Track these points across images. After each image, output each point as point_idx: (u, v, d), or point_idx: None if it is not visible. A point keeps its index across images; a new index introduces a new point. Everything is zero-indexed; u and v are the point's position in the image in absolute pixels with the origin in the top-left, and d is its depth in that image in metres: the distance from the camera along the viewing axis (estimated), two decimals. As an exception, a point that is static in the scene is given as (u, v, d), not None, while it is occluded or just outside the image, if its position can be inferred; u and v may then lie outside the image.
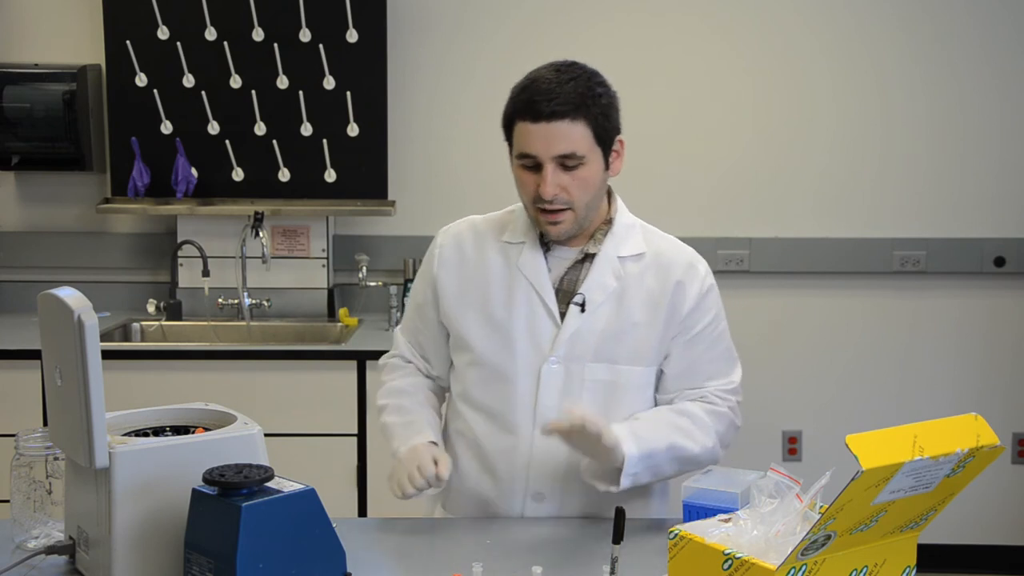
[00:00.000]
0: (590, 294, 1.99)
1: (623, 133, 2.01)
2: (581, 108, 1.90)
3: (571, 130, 1.89)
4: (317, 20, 3.81)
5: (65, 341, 1.61)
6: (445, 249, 2.09)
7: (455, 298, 2.05)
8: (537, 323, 1.99)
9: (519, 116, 1.92)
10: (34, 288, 2.05)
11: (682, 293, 2.01)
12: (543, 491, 2.01)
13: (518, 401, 2.00)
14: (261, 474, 1.54)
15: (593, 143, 1.92)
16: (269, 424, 1.91)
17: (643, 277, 2.01)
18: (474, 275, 2.05)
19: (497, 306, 2.01)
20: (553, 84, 1.90)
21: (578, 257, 2.03)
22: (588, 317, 1.98)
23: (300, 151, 3.88)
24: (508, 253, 2.04)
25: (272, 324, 3.90)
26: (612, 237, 2.02)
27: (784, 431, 4.13)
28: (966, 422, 1.37)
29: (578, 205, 1.94)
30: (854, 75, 4.02)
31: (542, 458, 1.99)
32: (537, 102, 1.89)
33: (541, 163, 1.90)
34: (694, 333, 2.02)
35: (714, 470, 1.86)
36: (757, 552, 1.38)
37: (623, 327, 1.99)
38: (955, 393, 4.10)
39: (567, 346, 1.98)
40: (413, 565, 1.81)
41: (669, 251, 2.06)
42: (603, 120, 1.93)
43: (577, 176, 1.91)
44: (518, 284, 2.01)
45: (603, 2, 3.99)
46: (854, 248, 4.05)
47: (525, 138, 1.91)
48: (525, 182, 1.94)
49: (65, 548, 1.72)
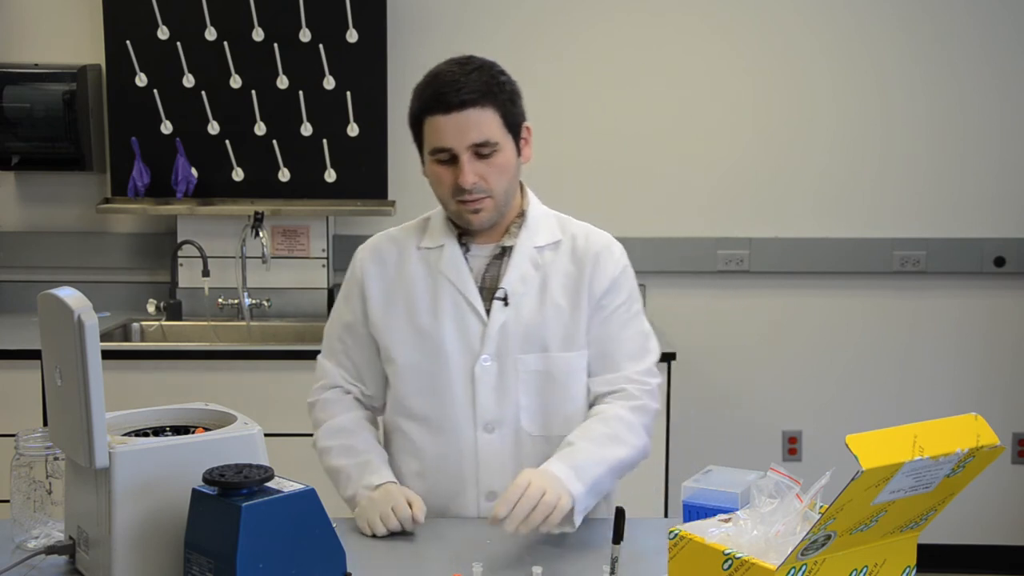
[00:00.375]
0: (511, 286, 2.01)
1: (530, 120, 2.05)
2: (488, 95, 1.92)
3: (482, 117, 1.91)
4: (317, 20, 3.81)
5: (65, 341, 1.61)
6: (366, 263, 2.09)
7: (382, 310, 2.05)
8: (464, 323, 2.01)
9: (428, 111, 1.93)
10: (34, 288, 2.05)
11: (597, 273, 2.03)
12: (494, 489, 2.01)
13: (456, 403, 2.01)
14: (261, 474, 1.54)
15: (504, 130, 1.95)
16: (269, 424, 1.91)
17: (561, 263, 2.04)
18: (397, 286, 2.06)
19: (423, 313, 2.02)
20: (458, 75, 1.92)
21: (495, 252, 2.05)
22: (513, 310, 2.00)
23: (300, 151, 3.88)
24: (428, 259, 2.05)
25: (272, 324, 3.90)
26: (526, 229, 2.05)
27: (784, 431, 4.13)
28: (966, 422, 1.37)
29: (497, 192, 1.96)
30: (854, 75, 4.02)
31: (488, 456, 2.01)
32: (445, 93, 1.91)
33: (456, 155, 1.92)
34: (608, 312, 2.04)
35: (714, 470, 1.86)
36: (757, 552, 1.38)
37: (548, 314, 2.01)
38: (955, 393, 4.11)
39: (496, 341, 2.00)
40: (413, 565, 1.81)
41: (585, 236, 2.08)
42: (510, 106, 1.96)
43: (493, 163, 1.94)
44: (442, 288, 2.02)
45: (603, 2, 3.99)
46: (854, 248, 4.05)
47: (438, 132, 1.92)
48: (442, 177, 1.96)
49: (65, 548, 1.72)
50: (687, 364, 3.95)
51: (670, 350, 3.46)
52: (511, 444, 2.01)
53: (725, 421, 4.12)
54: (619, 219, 3.97)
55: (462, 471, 2.02)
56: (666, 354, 3.43)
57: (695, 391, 4.05)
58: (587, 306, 2.02)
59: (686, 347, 3.95)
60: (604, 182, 4.01)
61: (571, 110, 4.00)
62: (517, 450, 2.01)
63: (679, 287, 4.06)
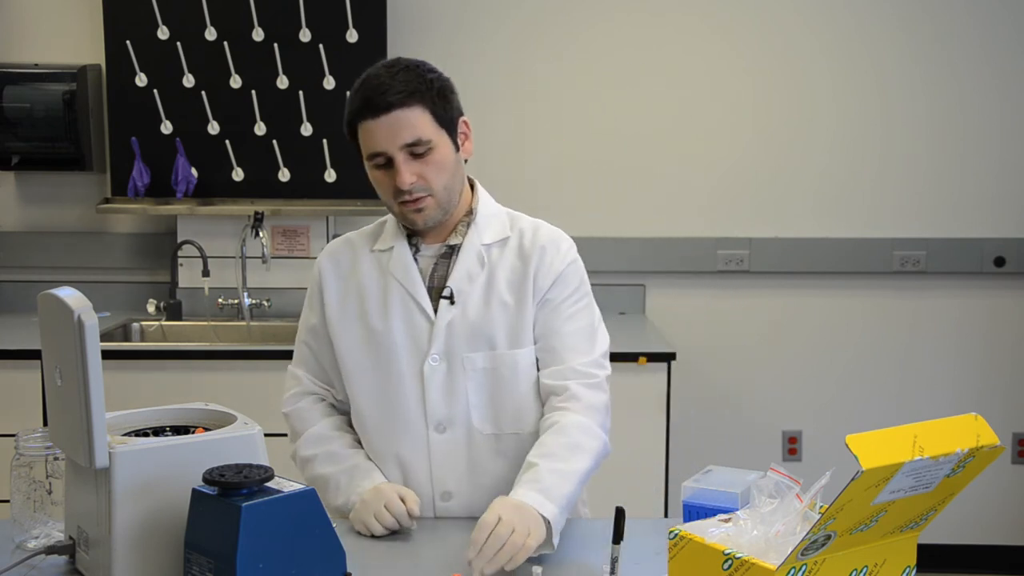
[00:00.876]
0: (457, 284, 2.01)
1: (467, 114, 2.05)
2: (415, 94, 1.93)
3: (410, 116, 1.92)
4: (317, 20, 3.81)
5: (65, 341, 1.61)
6: (324, 269, 2.10)
7: (337, 314, 2.06)
8: (413, 323, 2.01)
9: (359, 117, 1.94)
10: (34, 288, 2.05)
11: (542, 267, 2.02)
12: (449, 489, 2.02)
13: (407, 404, 2.01)
14: (261, 474, 1.54)
15: (436, 126, 1.95)
16: (269, 424, 1.91)
17: (508, 259, 2.04)
18: (351, 289, 2.06)
19: (374, 315, 2.03)
20: (384, 79, 1.93)
21: (442, 251, 2.05)
22: (459, 308, 2.00)
23: (300, 151, 3.88)
24: (380, 261, 2.06)
25: (272, 324, 3.90)
26: (475, 227, 2.05)
27: (784, 431, 4.13)
28: (966, 422, 1.37)
29: (436, 189, 1.96)
30: (854, 75, 4.02)
31: (441, 456, 2.01)
32: (372, 98, 1.92)
33: (391, 157, 1.93)
34: (554, 305, 2.02)
35: (714, 470, 1.86)
36: (757, 552, 1.38)
37: (494, 312, 2.01)
38: (955, 393, 4.11)
39: (444, 340, 2.00)
40: (413, 565, 1.81)
41: (533, 231, 2.07)
42: (441, 102, 1.96)
43: (429, 161, 1.94)
44: (392, 289, 2.03)
45: (603, 2, 3.99)
46: (854, 248, 4.05)
47: (370, 137, 1.94)
48: (382, 181, 1.97)
49: (65, 548, 1.72)
50: (687, 364, 3.95)
51: (670, 350, 3.47)
52: (463, 443, 2.01)
53: (725, 421, 4.12)
54: (619, 219, 3.98)
55: (416, 472, 2.02)
56: (666, 354, 3.44)
57: (695, 391, 4.05)
58: (532, 301, 2.02)
59: (686, 347, 3.95)
60: (604, 182, 4.01)
61: (571, 110, 4.00)
62: (469, 449, 2.01)
63: (679, 287, 4.06)
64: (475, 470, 2.02)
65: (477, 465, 2.01)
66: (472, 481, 2.02)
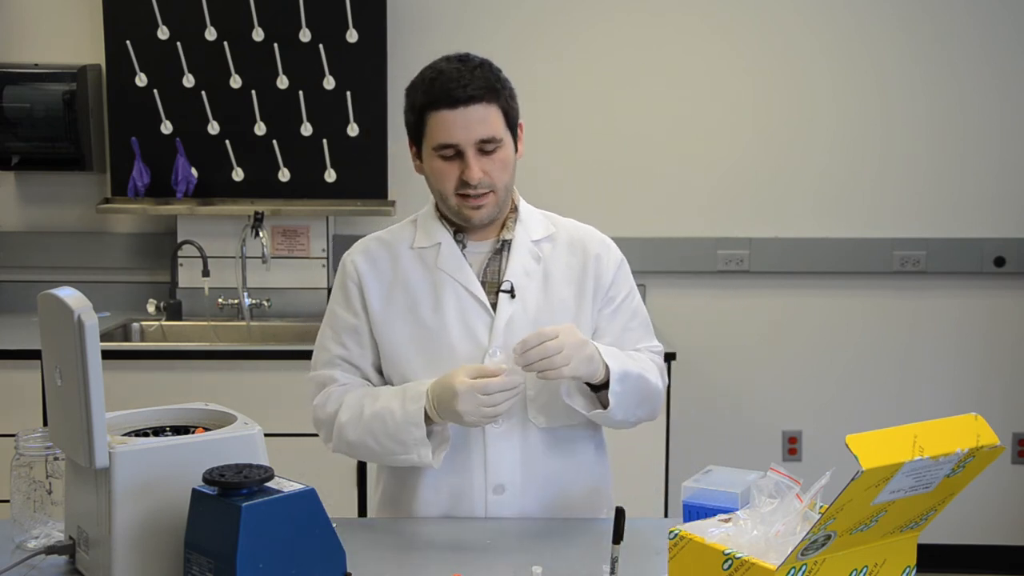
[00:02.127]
0: (516, 279, 2.01)
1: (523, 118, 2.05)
2: (492, 92, 1.94)
3: (487, 113, 1.93)
4: (317, 20, 3.81)
5: (65, 341, 1.61)
6: (360, 264, 2.06)
7: (383, 314, 2.03)
8: (470, 318, 2.00)
9: (434, 106, 1.93)
10: (34, 288, 2.05)
11: (601, 266, 2.07)
12: (503, 483, 2.01)
13: None
14: (261, 474, 1.54)
15: (505, 126, 1.97)
16: (269, 424, 1.91)
17: (561, 255, 2.07)
18: (394, 287, 2.04)
19: (426, 311, 2.01)
20: (463, 72, 1.93)
21: (494, 248, 2.05)
22: (519, 302, 2.01)
23: (300, 151, 3.88)
24: (425, 258, 2.04)
25: (272, 324, 3.90)
26: (521, 223, 2.06)
27: (784, 431, 4.14)
28: (966, 422, 1.37)
29: (499, 187, 1.97)
30: (854, 75, 4.02)
31: (496, 449, 2.00)
32: (452, 89, 1.91)
33: (462, 150, 1.93)
34: (616, 304, 2.09)
35: (714, 470, 1.86)
36: (757, 552, 1.38)
37: (553, 306, 2.02)
38: (955, 393, 4.11)
39: (504, 334, 1.99)
40: (413, 565, 1.81)
41: (577, 230, 2.12)
42: (510, 103, 1.99)
43: (497, 159, 1.95)
44: (443, 284, 2.01)
45: (603, 2, 3.99)
46: (854, 248, 4.05)
47: (444, 127, 1.93)
48: (445, 173, 1.96)
49: (65, 548, 1.72)
50: (687, 364, 3.95)
51: (670, 350, 3.46)
52: (518, 437, 2.00)
53: (725, 421, 4.12)
54: (619, 219, 3.98)
55: (470, 465, 2.01)
56: (666, 354, 3.41)
57: (695, 391, 4.05)
58: (591, 298, 2.05)
59: (686, 347, 3.95)
60: (604, 182, 4.01)
61: (571, 110, 4.00)
62: (524, 442, 2.01)
63: (679, 287, 4.06)
64: (528, 464, 2.01)
65: (531, 459, 2.01)
66: (525, 474, 2.01)
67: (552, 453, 2.03)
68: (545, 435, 2.02)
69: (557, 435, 2.03)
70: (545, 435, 2.02)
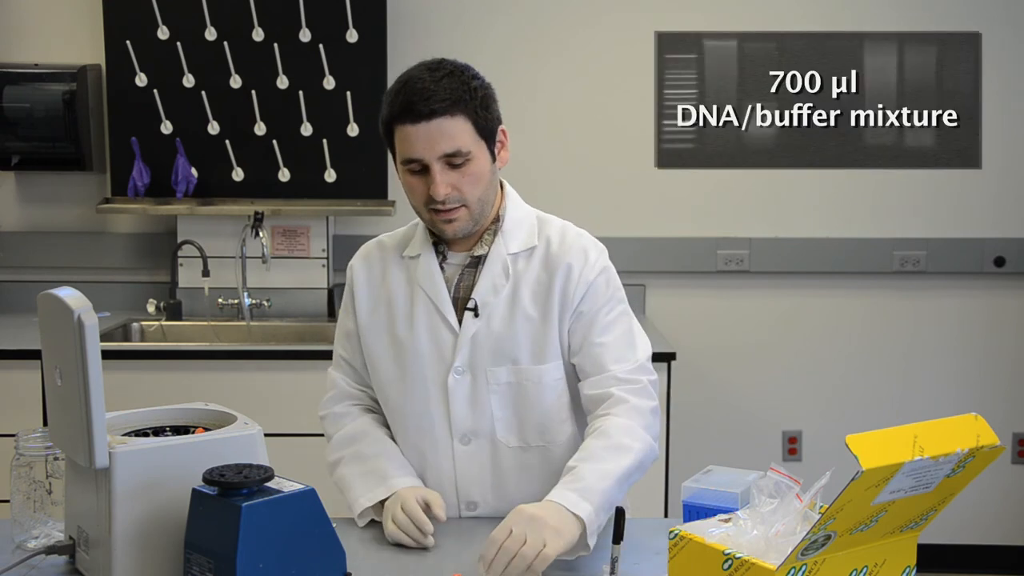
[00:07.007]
0: (482, 297, 1.97)
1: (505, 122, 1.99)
2: (459, 103, 1.86)
3: (452, 126, 1.86)
4: (317, 20, 3.81)
5: (65, 341, 1.61)
6: (356, 271, 2.07)
7: (367, 322, 2.04)
8: (438, 334, 1.98)
9: (398, 120, 1.88)
10: (34, 288, 2.05)
11: (571, 279, 1.96)
12: (474, 499, 2.01)
13: (433, 415, 1.99)
14: (261, 474, 1.54)
15: (476, 137, 1.89)
16: (269, 424, 1.91)
17: (533, 271, 1.99)
18: (380, 295, 2.04)
19: (400, 324, 2.00)
20: (428, 83, 1.85)
21: (467, 261, 2.01)
22: (483, 321, 1.97)
23: (300, 151, 3.88)
24: (409, 268, 2.03)
25: (272, 324, 3.90)
26: (502, 235, 2.00)
27: (784, 431, 4.13)
28: (966, 422, 1.37)
29: (471, 201, 1.91)
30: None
31: (466, 467, 1.99)
32: (414, 103, 1.85)
33: (427, 165, 1.87)
34: (588, 317, 1.97)
35: (714, 470, 1.86)
36: (757, 552, 1.38)
37: (519, 326, 1.97)
38: (955, 393, 4.11)
39: (467, 353, 1.96)
40: (413, 565, 1.81)
41: (560, 239, 2.01)
42: (483, 112, 1.90)
43: (466, 172, 1.89)
44: (418, 298, 2.00)
45: (603, 2, 3.98)
46: (854, 248, 4.05)
47: (407, 142, 1.87)
48: (414, 187, 1.91)
49: (65, 548, 1.72)
50: (687, 364, 3.95)
51: (670, 350, 3.46)
52: (488, 455, 1.98)
53: (725, 421, 4.12)
54: (619, 219, 3.98)
55: (441, 482, 2.00)
56: (666, 354, 3.43)
57: (695, 391, 4.04)
58: (558, 316, 1.97)
59: (686, 347, 3.95)
60: (604, 182, 4.01)
61: (571, 109, 3.99)
62: (494, 461, 1.99)
63: (679, 287, 4.06)
64: (500, 482, 1.99)
65: (502, 477, 1.99)
66: (497, 493, 2.00)
67: (526, 471, 1.99)
68: (517, 453, 2.00)
69: (530, 451, 2.00)
70: (517, 453, 2.00)
